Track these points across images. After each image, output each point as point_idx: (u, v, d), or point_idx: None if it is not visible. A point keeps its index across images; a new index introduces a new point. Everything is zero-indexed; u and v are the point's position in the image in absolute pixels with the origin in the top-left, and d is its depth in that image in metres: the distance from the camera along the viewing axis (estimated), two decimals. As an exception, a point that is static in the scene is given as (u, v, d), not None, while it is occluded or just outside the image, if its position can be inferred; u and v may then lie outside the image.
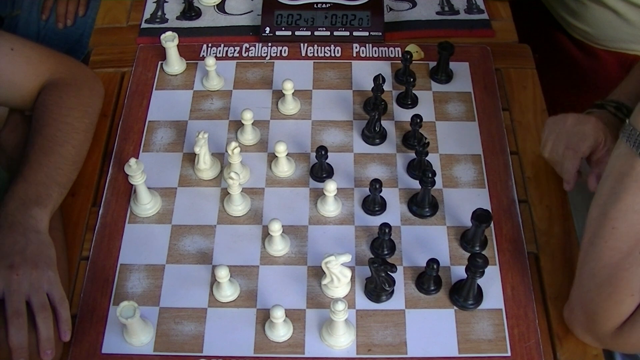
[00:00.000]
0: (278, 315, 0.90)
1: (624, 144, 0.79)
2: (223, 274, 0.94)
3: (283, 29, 1.30)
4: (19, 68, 1.07)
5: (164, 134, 1.16)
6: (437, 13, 1.35)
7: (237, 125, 1.16)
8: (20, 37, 1.11)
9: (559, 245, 1.03)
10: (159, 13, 1.36)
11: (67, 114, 1.06)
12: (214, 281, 0.97)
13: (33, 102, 1.09)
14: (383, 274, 0.93)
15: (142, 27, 1.34)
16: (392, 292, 0.97)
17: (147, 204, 1.06)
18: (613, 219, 0.80)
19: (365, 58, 1.27)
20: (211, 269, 1.00)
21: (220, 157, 1.12)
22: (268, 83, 1.23)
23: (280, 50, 1.28)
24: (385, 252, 1.00)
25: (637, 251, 0.79)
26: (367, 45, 1.29)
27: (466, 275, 0.93)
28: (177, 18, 1.35)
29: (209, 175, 1.10)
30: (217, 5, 1.37)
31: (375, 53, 1.28)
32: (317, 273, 0.99)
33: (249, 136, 1.14)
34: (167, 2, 1.38)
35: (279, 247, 1.01)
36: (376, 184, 1.01)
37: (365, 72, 1.24)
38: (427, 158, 1.08)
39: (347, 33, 1.29)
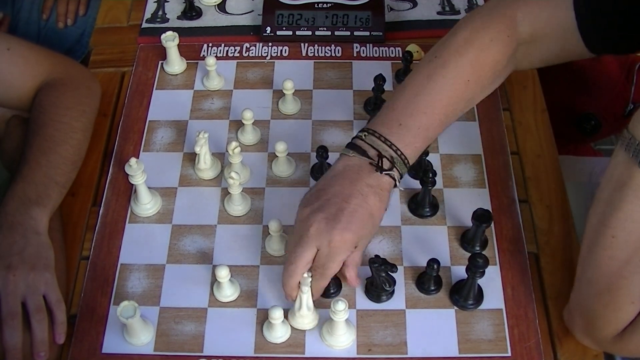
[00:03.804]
0: (276, 316, 0.90)
1: (622, 152, 0.78)
2: (223, 273, 0.94)
3: (284, 28, 1.30)
4: (15, 68, 1.07)
5: (164, 133, 1.16)
6: (438, 13, 1.35)
7: (238, 125, 1.16)
8: (16, 37, 1.11)
9: (559, 245, 1.03)
10: (160, 13, 1.36)
11: (64, 114, 1.06)
12: (214, 281, 0.97)
13: (30, 102, 1.09)
14: (383, 274, 0.93)
15: (142, 26, 1.34)
16: (393, 292, 0.97)
17: (147, 203, 1.06)
18: (612, 227, 0.79)
19: (366, 58, 1.27)
20: (211, 269, 1.00)
21: (221, 156, 1.12)
22: (268, 83, 1.23)
23: (281, 50, 1.28)
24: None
25: (636, 259, 0.79)
26: (367, 45, 1.29)
27: (466, 276, 0.93)
28: (178, 18, 1.35)
29: (209, 175, 1.10)
30: (217, 5, 1.37)
31: (376, 53, 1.28)
32: (318, 273, 0.99)
33: (250, 136, 1.14)
34: (167, 1, 1.38)
35: (279, 246, 1.01)
36: (376, 184, 1.01)
37: (366, 72, 1.24)
38: (427, 158, 1.08)
39: (348, 33, 1.29)
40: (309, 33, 1.30)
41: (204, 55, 1.28)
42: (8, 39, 1.09)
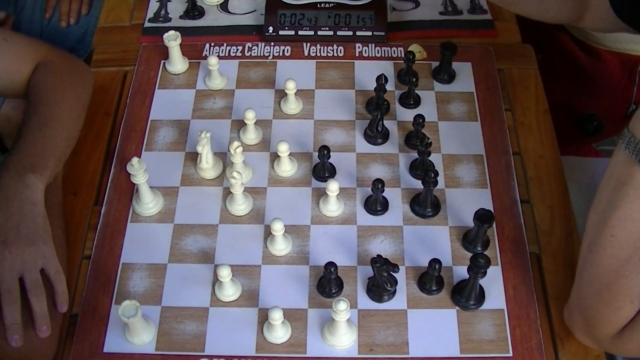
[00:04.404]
0: (276, 317, 0.90)
1: (622, 151, 0.78)
2: (225, 273, 0.94)
3: (286, 28, 1.30)
4: (14, 59, 1.08)
5: (166, 133, 1.16)
6: (440, 13, 1.35)
7: (240, 124, 1.16)
8: (11, 31, 1.14)
9: (561, 245, 1.03)
10: (162, 12, 1.36)
11: (60, 93, 1.06)
12: (216, 280, 0.98)
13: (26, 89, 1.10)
14: (385, 274, 0.93)
15: (145, 26, 1.34)
16: (394, 292, 0.97)
17: (149, 203, 1.06)
18: (612, 227, 0.79)
19: (368, 58, 1.27)
20: (213, 269, 1.00)
21: (223, 156, 1.12)
22: (270, 82, 1.23)
23: (283, 50, 1.29)
24: (333, 291, 0.98)
25: (636, 258, 0.79)
26: (369, 45, 1.29)
27: (468, 276, 0.93)
28: (181, 17, 1.35)
29: (211, 174, 1.10)
30: (220, 4, 1.37)
31: (378, 53, 1.28)
32: (319, 273, 0.99)
33: (252, 136, 1.14)
34: (170, 1, 1.38)
35: (281, 246, 1.01)
36: (378, 184, 1.01)
37: (368, 71, 1.24)
38: (429, 158, 1.08)
39: (350, 33, 1.29)
40: (312, 33, 1.30)
41: (206, 54, 1.28)
42: (3, 32, 1.11)
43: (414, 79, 1.17)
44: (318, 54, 1.28)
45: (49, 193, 1.05)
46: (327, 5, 1.31)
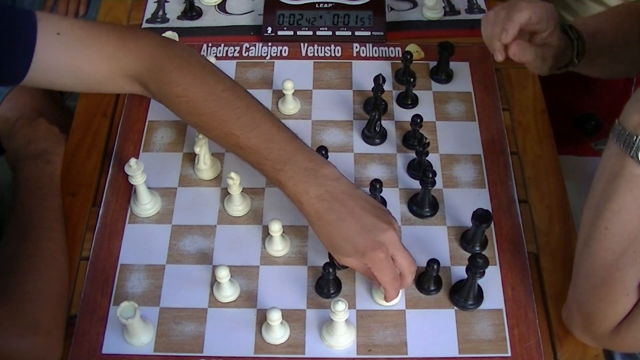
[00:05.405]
0: (275, 317, 0.90)
1: (614, 144, 0.78)
2: (223, 274, 0.93)
3: (285, 28, 1.30)
4: (74, 53, 0.96)
5: (164, 133, 1.16)
6: (438, 13, 1.35)
7: (238, 125, 1.15)
8: (69, 19, 1.00)
9: (559, 245, 1.03)
10: (160, 13, 1.36)
11: (220, 88, 0.99)
12: (214, 281, 0.97)
13: (119, 86, 1.02)
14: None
15: (143, 26, 1.33)
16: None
17: (147, 204, 1.06)
18: (605, 220, 0.79)
19: (366, 58, 1.27)
20: (211, 269, 1.00)
21: (221, 157, 1.12)
22: (268, 83, 1.23)
23: (281, 50, 1.28)
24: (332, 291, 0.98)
25: (630, 251, 0.79)
26: (367, 45, 1.29)
27: (466, 276, 0.94)
28: (178, 18, 1.35)
29: (209, 175, 1.10)
30: (218, 5, 1.37)
31: (376, 53, 1.28)
32: (318, 273, 0.99)
33: (250, 136, 1.14)
34: (168, 1, 1.38)
35: (279, 247, 1.01)
36: (376, 184, 1.01)
37: (366, 72, 1.24)
38: (427, 158, 1.08)
39: (349, 33, 1.29)
40: (310, 33, 1.30)
41: (203, 55, 1.27)
42: (59, 23, 0.96)
43: (412, 79, 1.17)
44: (316, 54, 1.28)
45: (48, 195, 1.05)
46: (325, 5, 1.31)
